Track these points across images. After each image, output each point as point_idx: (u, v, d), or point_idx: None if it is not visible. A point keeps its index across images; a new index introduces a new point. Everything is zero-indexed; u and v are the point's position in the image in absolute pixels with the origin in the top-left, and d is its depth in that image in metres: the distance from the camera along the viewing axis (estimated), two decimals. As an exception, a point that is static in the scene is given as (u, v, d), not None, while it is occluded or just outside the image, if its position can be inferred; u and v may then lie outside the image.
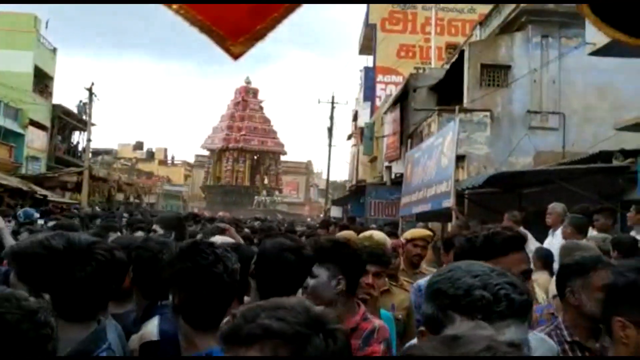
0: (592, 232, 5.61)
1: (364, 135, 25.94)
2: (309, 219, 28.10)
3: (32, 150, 29.33)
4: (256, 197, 54.77)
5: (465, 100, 13.09)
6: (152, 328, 2.20)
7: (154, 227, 4.25)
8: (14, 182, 19.27)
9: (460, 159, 12.04)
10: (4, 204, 14.38)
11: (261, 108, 60.54)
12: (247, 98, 59.17)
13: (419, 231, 4.84)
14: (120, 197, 33.92)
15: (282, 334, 0.99)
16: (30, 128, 29.13)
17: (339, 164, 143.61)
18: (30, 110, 28.64)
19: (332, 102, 38.36)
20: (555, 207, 6.55)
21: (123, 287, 2.50)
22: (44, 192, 21.22)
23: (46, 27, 32.66)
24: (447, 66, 16.05)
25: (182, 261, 1.84)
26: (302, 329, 1.00)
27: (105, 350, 1.77)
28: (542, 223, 6.79)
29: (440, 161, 9.79)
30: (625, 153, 7.89)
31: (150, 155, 67.02)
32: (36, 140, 30.10)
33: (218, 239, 3.26)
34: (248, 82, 60.39)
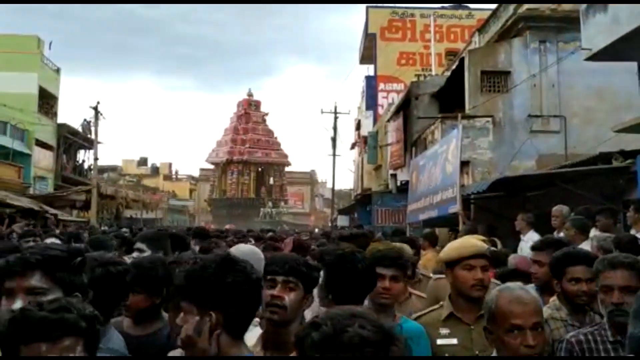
0: (594, 232, 5.79)
1: (368, 144, 26.15)
2: (316, 230, 28.27)
3: (39, 170, 29.64)
4: (262, 208, 54.99)
5: (467, 107, 13.31)
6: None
7: (138, 245, 4.05)
8: (25, 202, 19.56)
9: (464, 164, 12.25)
10: (18, 225, 14.59)
11: (264, 120, 60.95)
12: (249, 111, 59.60)
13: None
14: (128, 213, 34.20)
15: (376, 343, 1.14)
16: (37, 148, 29.50)
17: (343, 173, 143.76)
18: (36, 131, 29.04)
19: (335, 112, 38.64)
20: (561, 209, 6.72)
21: (149, 306, 2.66)
22: (54, 211, 21.49)
23: (49, 48, 33.18)
24: (448, 73, 16.28)
25: (234, 274, 1.85)
26: (385, 338, 1.16)
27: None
28: (546, 225, 6.96)
29: (445, 168, 10.00)
30: (625, 154, 8.07)
31: (155, 170, 67.39)
32: (43, 160, 30.45)
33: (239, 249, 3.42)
34: (250, 95, 60.88)
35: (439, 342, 2.66)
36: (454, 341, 2.67)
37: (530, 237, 6.84)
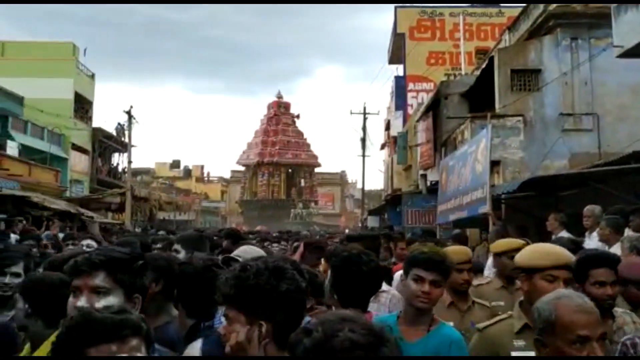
0: (628, 232, 5.70)
1: (398, 145, 26.08)
2: (346, 230, 28.29)
3: (75, 173, 30.36)
4: (292, 210, 55.26)
5: (497, 106, 13.18)
6: (195, 351, 2.20)
7: (175, 246, 4.16)
8: (62, 205, 20.07)
9: (495, 164, 12.15)
10: (54, 226, 15.01)
11: (294, 122, 61.22)
12: (279, 112, 59.95)
13: (513, 242, 4.23)
14: (161, 215, 34.79)
15: (366, 346, 1.16)
16: (73, 152, 30.22)
17: (373, 174, 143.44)
18: (72, 135, 29.74)
19: (364, 113, 38.59)
20: (593, 209, 6.62)
21: (150, 300, 2.60)
22: (90, 213, 22.02)
23: (84, 54, 33.99)
24: (478, 72, 16.14)
25: (287, 283, 1.79)
26: (375, 340, 1.19)
27: None
28: (579, 225, 6.87)
29: (474, 168, 9.94)
30: (660, 152, 7.91)
31: (187, 173, 68.35)
32: (79, 164, 31.18)
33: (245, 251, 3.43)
34: (279, 97, 61.23)
35: (514, 354, 2.48)
36: (532, 354, 2.41)
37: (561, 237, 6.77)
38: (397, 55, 32.72)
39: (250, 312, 1.74)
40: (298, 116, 61.84)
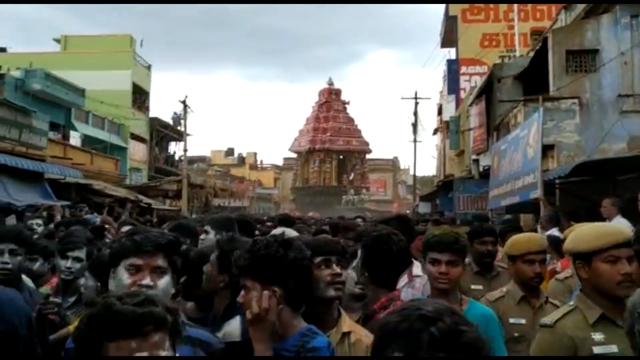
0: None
1: (450, 129, 25.73)
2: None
3: (134, 162, 31.41)
4: (344, 196, 55.38)
5: (551, 88, 12.83)
6: (234, 329, 2.29)
7: (206, 227, 4.36)
8: (122, 192, 20.86)
9: (549, 148, 11.86)
10: (115, 212, 15.65)
11: (345, 108, 61.16)
12: (330, 99, 60.00)
13: (534, 239, 3.64)
14: (216, 202, 35.57)
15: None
16: (132, 141, 31.26)
17: (426, 159, 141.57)
18: (131, 125, 30.75)
19: (416, 98, 38.18)
20: (649, 193, 6.44)
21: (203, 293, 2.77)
22: (148, 200, 22.80)
23: (141, 45, 34.99)
24: (532, 54, 15.72)
25: (295, 251, 2.03)
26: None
27: None
28: (635, 210, 6.69)
29: (526, 153, 9.75)
30: None
31: (241, 160, 69.48)
32: (137, 153, 32.24)
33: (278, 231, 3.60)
34: (330, 84, 61.24)
35: (597, 350, 2.21)
36: (614, 348, 2.21)
37: (618, 223, 6.61)
38: (449, 38, 32.15)
39: (264, 280, 1.96)
40: (348, 102, 61.77)
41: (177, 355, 1.61)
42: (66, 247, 3.66)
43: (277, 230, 3.86)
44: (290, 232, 3.66)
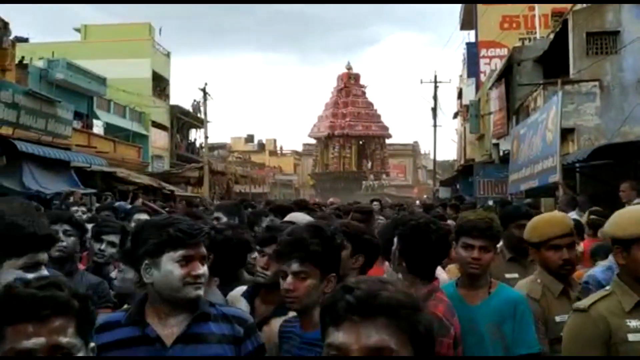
0: None
1: (470, 113, 25.59)
2: (417, 202, 28.18)
3: (155, 149, 31.77)
4: (364, 182, 55.36)
5: (571, 71, 12.73)
6: (237, 293, 2.76)
7: (216, 214, 4.54)
8: (145, 180, 21.22)
9: (569, 131, 11.81)
10: (139, 199, 15.95)
11: (364, 93, 60.89)
12: (349, 84, 59.77)
13: (557, 220, 3.27)
14: (237, 188, 35.90)
15: (409, 307, 1.15)
16: (153, 129, 31.59)
17: (447, 144, 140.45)
18: (152, 113, 31.06)
19: (435, 81, 37.94)
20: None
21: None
22: (171, 187, 23.15)
23: (160, 33, 35.24)
24: (552, 36, 15.57)
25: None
26: (416, 304, 1.17)
27: None
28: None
29: (545, 136, 9.77)
30: None
31: (261, 146, 69.71)
32: (159, 140, 32.58)
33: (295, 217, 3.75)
34: (349, 68, 60.95)
35: (632, 337, 2.14)
36: None
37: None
38: (468, 20, 31.78)
39: (326, 268, 2.06)
40: (366, 87, 61.49)
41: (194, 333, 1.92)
42: (101, 230, 3.79)
43: (295, 215, 3.91)
44: (303, 217, 3.77)
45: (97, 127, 25.55)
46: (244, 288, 2.78)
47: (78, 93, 22.82)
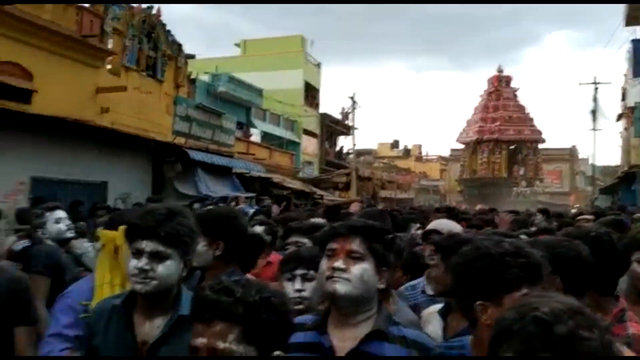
0: None
1: (635, 116, 23.66)
2: (573, 210, 26.55)
3: (306, 156, 33.30)
4: (515, 188, 53.09)
5: None
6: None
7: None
8: (298, 185, 22.41)
9: None
10: (292, 204, 16.97)
11: (515, 96, 58.38)
12: (500, 87, 57.69)
13: None
14: (383, 194, 36.44)
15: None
16: (304, 137, 33.22)
17: (610, 148, 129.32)
18: (303, 121, 32.69)
19: (595, 83, 35.47)
20: None
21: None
22: (320, 192, 24.20)
23: (311, 45, 36.90)
24: None
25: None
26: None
27: None
28: None
29: None
30: None
31: (407, 152, 69.75)
32: (309, 147, 34.10)
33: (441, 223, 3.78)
34: (500, 71, 58.83)
35: None
36: None
37: None
38: (634, 16, 29.31)
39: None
40: (518, 89, 58.87)
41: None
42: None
43: (440, 222, 3.92)
44: (450, 224, 3.77)
45: (254, 136, 27.47)
46: (439, 306, 2.66)
47: (237, 104, 24.77)
